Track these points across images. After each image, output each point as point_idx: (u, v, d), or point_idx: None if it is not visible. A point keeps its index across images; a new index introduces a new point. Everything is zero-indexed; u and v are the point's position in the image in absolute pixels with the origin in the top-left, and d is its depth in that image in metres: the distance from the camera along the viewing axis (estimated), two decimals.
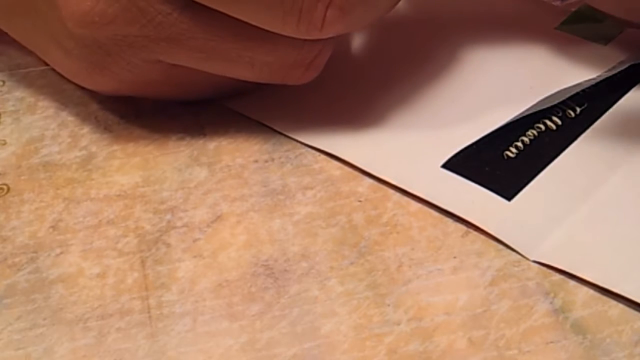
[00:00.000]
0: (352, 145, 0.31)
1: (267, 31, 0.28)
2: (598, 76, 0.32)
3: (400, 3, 0.30)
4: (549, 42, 0.34)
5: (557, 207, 0.28)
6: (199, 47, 0.29)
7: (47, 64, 0.33)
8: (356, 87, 0.33)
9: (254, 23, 0.28)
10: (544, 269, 0.27)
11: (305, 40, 0.29)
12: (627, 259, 0.27)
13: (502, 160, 0.30)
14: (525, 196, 0.29)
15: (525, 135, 0.30)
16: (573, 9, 0.36)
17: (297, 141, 0.31)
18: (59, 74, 0.33)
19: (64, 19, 0.28)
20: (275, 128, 0.32)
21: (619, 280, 0.26)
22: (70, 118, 0.32)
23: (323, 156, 0.31)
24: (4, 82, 0.34)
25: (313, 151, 0.31)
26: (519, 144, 0.30)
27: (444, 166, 0.30)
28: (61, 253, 0.28)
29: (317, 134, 0.31)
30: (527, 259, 0.27)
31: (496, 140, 0.30)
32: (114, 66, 0.29)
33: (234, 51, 0.29)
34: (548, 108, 0.31)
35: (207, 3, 0.27)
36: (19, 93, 0.34)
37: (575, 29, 0.35)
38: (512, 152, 0.30)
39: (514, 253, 0.27)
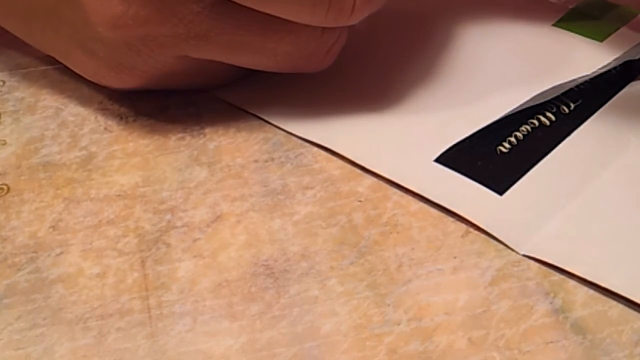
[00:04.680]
0: (346, 138, 0.31)
1: (290, 23, 0.29)
2: (593, 72, 0.32)
3: (398, 0, 0.30)
4: (546, 38, 0.35)
5: (548, 202, 0.28)
6: (226, 42, 0.29)
7: (47, 64, 0.33)
8: (351, 82, 0.33)
9: (282, 16, 0.28)
10: (544, 268, 0.27)
11: (325, 28, 0.29)
12: (616, 254, 0.27)
13: (495, 155, 0.30)
14: (517, 191, 0.29)
15: (518, 130, 0.30)
16: (570, 6, 0.36)
17: (296, 136, 0.31)
18: (59, 74, 0.33)
19: (93, 24, 0.29)
20: (270, 121, 0.32)
21: (607, 275, 0.26)
22: (70, 118, 0.32)
23: (323, 156, 0.31)
24: (4, 82, 0.34)
25: (313, 151, 0.31)
26: (512, 139, 0.30)
27: (437, 160, 0.30)
28: (61, 253, 0.28)
29: (311, 127, 0.31)
30: (517, 252, 0.27)
31: (490, 135, 0.30)
32: (143, 65, 0.30)
33: (259, 44, 0.29)
34: (542, 103, 0.31)
35: (238, 0, 0.28)
36: (19, 93, 0.34)
37: (572, 26, 0.35)
38: (505, 147, 0.30)
39: (514, 253, 0.27)
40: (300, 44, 0.30)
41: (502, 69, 0.33)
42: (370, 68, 0.34)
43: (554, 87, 0.32)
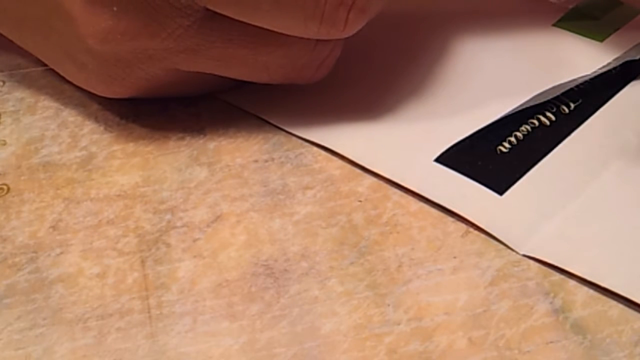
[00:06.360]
0: (346, 138, 0.31)
1: (282, 36, 0.28)
2: (593, 72, 0.32)
3: (398, 2, 0.30)
4: (546, 38, 0.35)
5: (548, 202, 0.28)
6: (217, 56, 0.29)
7: (47, 65, 0.33)
8: (351, 82, 0.33)
9: (274, 29, 0.28)
10: (544, 268, 0.27)
11: (318, 41, 0.29)
12: (616, 254, 0.27)
13: (495, 155, 0.30)
14: (517, 191, 0.29)
15: (518, 130, 0.30)
16: (570, 6, 0.36)
17: (296, 136, 0.31)
18: (59, 74, 0.33)
19: (83, 37, 0.28)
20: (270, 121, 0.32)
21: (607, 275, 0.26)
22: (70, 118, 0.32)
23: (323, 156, 0.31)
24: (4, 82, 0.34)
25: (313, 151, 0.31)
26: (512, 139, 0.30)
27: (437, 160, 0.30)
28: (61, 253, 0.28)
29: (311, 127, 0.31)
30: (517, 252, 0.27)
31: (489, 135, 0.30)
32: (132, 77, 0.30)
33: (251, 57, 0.29)
34: (542, 103, 0.31)
35: (228, 13, 0.28)
36: (19, 93, 0.34)
37: (572, 26, 0.35)
38: (505, 147, 0.30)
39: (514, 253, 0.27)
40: (293, 57, 0.29)
41: (502, 69, 0.33)
42: (371, 68, 0.34)
43: (554, 87, 0.32)
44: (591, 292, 0.26)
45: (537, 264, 0.27)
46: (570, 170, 0.29)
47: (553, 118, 0.31)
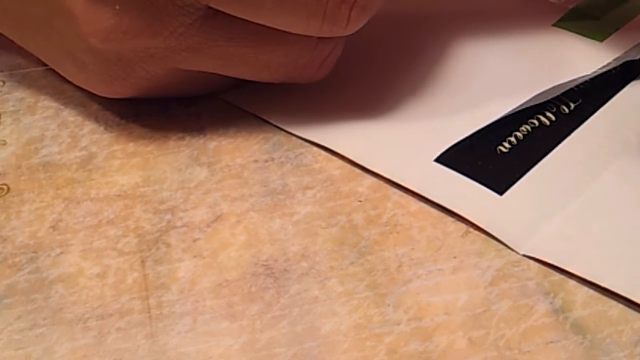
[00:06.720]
0: (346, 138, 0.31)
1: (283, 34, 0.28)
2: (593, 72, 0.32)
3: (398, 2, 0.30)
4: (546, 38, 0.35)
5: (548, 202, 0.28)
6: (218, 54, 0.29)
7: (47, 65, 0.33)
8: (351, 81, 0.33)
9: (276, 27, 0.28)
10: (544, 268, 0.27)
11: (319, 40, 0.29)
12: (616, 254, 0.27)
13: (495, 155, 0.30)
14: (517, 191, 0.29)
15: (518, 130, 0.30)
16: (570, 6, 0.36)
17: (296, 136, 0.31)
18: (59, 74, 0.33)
19: (84, 36, 0.28)
20: (270, 121, 0.32)
21: (607, 275, 0.26)
22: (70, 118, 0.32)
23: (323, 156, 0.31)
24: (4, 82, 0.34)
25: (313, 151, 0.31)
26: (512, 138, 0.30)
27: (437, 160, 0.30)
28: (61, 253, 0.28)
29: (311, 127, 0.31)
30: (517, 252, 0.27)
31: (489, 135, 0.30)
32: (133, 76, 0.30)
33: (252, 55, 0.29)
34: (542, 103, 0.31)
35: (231, 11, 0.28)
36: (19, 93, 0.34)
37: (572, 26, 0.35)
38: (505, 147, 0.30)
39: (514, 253, 0.27)
40: (294, 55, 0.29)
41: (502, 69, 0.33)
42: (371, 68, 0.34)
43: (554, 87, 0.32)
44: (591, 292, 0.26)
45: (537, 264, 0.27)
46: (570, 170, 0.29)
47: (553, 118, 0.31)
